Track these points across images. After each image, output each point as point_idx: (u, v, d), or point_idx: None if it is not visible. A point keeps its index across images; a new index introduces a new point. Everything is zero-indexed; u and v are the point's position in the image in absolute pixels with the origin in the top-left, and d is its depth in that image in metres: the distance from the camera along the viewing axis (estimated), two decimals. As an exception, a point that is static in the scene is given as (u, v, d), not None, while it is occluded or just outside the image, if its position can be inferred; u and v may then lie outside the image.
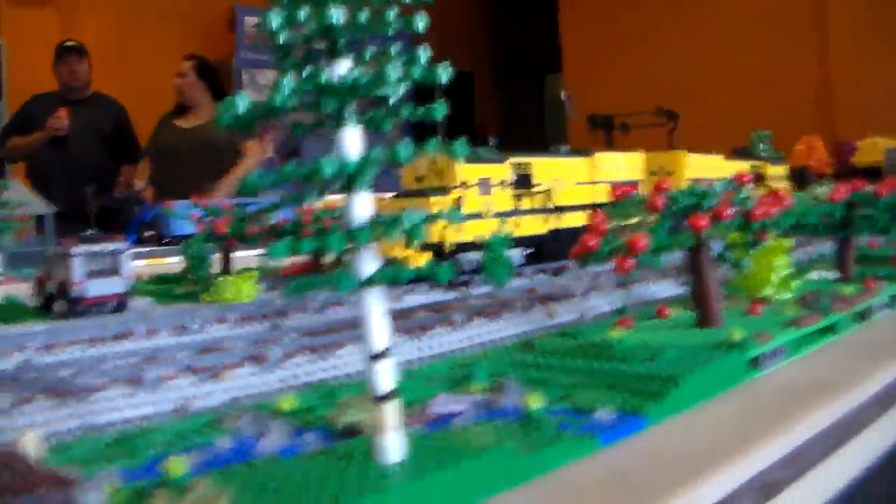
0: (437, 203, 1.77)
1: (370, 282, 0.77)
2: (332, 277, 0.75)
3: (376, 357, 0.78)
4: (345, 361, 1.21)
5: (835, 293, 1.47)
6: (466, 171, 1.80)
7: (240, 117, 0.71)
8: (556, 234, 1.99)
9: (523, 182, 1.93)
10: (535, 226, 1.96)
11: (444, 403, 1.00)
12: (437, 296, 1.64)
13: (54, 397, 0.99)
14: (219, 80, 4.75)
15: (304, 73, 0.73)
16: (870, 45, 5.36)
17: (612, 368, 1.11)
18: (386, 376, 0.78)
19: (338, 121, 0.76)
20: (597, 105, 5.04)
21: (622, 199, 1.30)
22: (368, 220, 0.77)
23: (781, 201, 1.28)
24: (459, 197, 1.77)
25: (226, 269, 2.14)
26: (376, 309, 0.77)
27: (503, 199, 1.89)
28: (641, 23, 6.10)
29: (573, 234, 2.04)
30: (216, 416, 0.97)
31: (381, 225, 0.76)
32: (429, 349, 1.28)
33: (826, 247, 2.00)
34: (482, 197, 1.84)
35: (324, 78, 0.74)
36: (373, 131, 0.77)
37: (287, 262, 2.14)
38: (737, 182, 1.25)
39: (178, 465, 0.76)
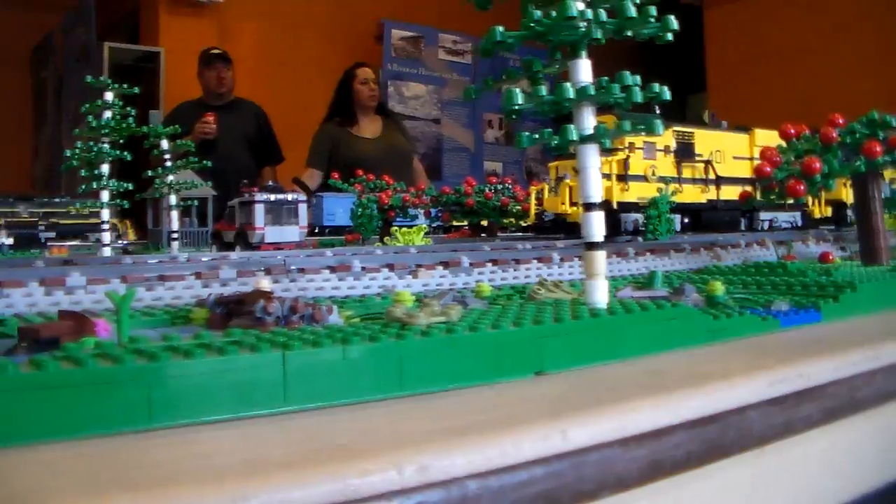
0: (605, 163, 1.86)
1: (591, 138, 0.87)
2: (562, 131, 0.86)
3: (589, 207, 0.89)
4: (523, 274, 1.31)
5: None
6: (632, 135, 1.89)
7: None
8: (713, 204, 2.06)
9: (685, 151, 2.01)
10: (695, 195, 2.03)
11: (629, 293, 1.10)
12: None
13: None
14: (381, 92, 4.97)
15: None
16: None
17: (788, 280, 1.18)
18: (598, 226, 0.88)
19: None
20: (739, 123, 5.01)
21: (795, 137, 1.36)
22: (585, 83, 0.88)
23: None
24: (627, 157, 1.86)
25: (385, 233, 2.30)
26: (594, 162, 0.88)
27: (666, 164, 1.97)
28: (784, 43, 6.06)
29: (731, 206, 2.10)
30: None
31: (592, 86, 0.87)
32: (630, 270, 1.38)
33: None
34: (646, 161, 1.93)
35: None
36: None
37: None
38: (911, 118, 1.31)
39: (404, 296, 0.89)
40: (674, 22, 0.88)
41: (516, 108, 0.86)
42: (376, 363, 0.66)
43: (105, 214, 1.83)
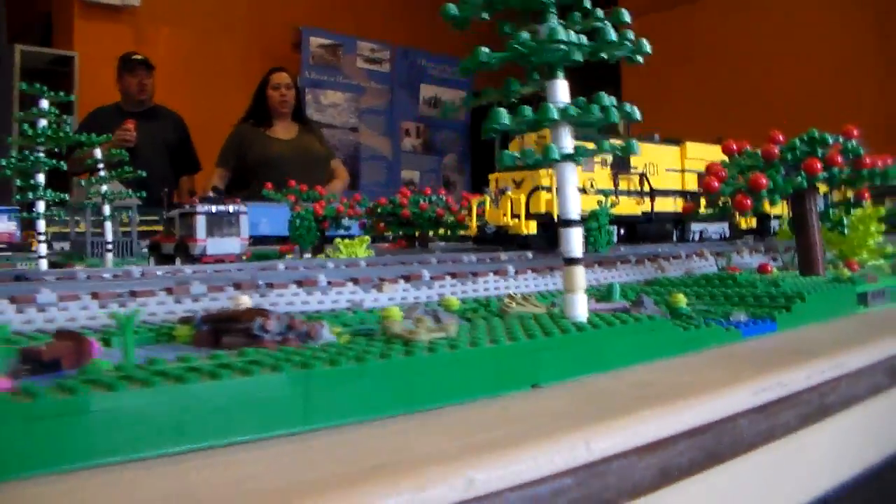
0: (545, 175, 1.91)
1: (569, 156, 0.91)
2: (545, 150, 0.89)
3: (568, 223, 0.92)
4: (482, 287, 1.34)
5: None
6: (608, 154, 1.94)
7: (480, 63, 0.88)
8: (648, 216, 2.12)
9: (621, 164, 2.07)
10: (630, 207, 2.09)
11: (592, 305, 1.13)
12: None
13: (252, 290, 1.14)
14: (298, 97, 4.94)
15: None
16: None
17: (739, 291, 1.24)
18: (577, 242, 0.92)
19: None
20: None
21: (738, 153, 1.42)
22: (565, 104, 0.91)
23: (886, 158, 1.41)
24: (566, 170, 1.91)
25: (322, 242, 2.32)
26: (572, 179, 0.92)
27: (603, 177, 2.03)
28: (699, 52, 6.25)
29: (664, 218, 2.17)
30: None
31: (578, 107, 0.90)
32: (556, 285, 1.42)
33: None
34: (585, 173, 1.98)
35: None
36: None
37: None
38: (846, 135, 1.38)
39: (393, 313, 0.90)
40: (647, 45, 0.92)
41: (498, 127, 0.88)
42: (390, 380, 0.67)
43: (41, 225, 1.80)
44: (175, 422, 0.57)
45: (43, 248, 1.79)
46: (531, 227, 1.89)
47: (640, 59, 0.94)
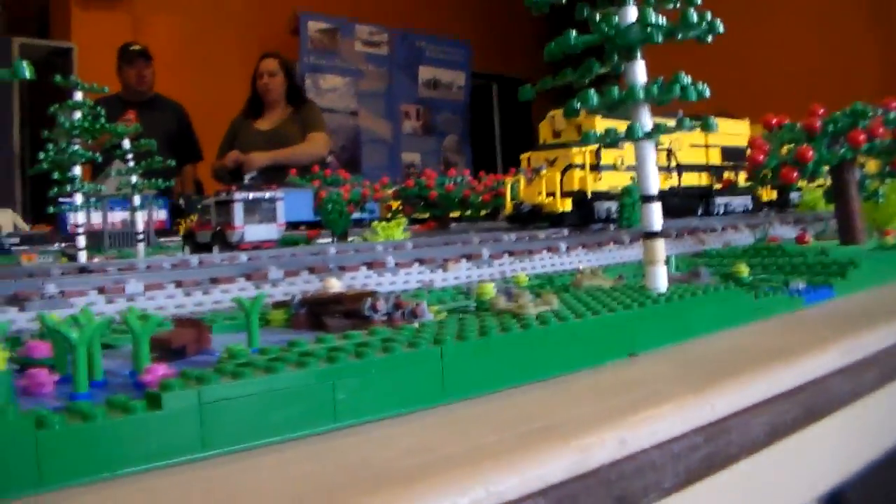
0: (578, 154, 1.95)
1: (647, 134, 0.95)
2: (630, 129, 0.93)
3: (648, 199, 0.96)
4: (538, 263, 1.39)
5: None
6: (603, 125, 1.98)
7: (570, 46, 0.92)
8: (675, 191, 2.17)
9: (648, 140, 2.12)
10: (660, 182, 2.13)
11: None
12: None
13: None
14: (296, 80, 4.95)
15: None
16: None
17: (790, 260, 1.28)
18: (657, 216, 0.96)
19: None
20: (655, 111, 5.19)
21: (777, 127, 1.47)
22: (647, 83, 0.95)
23: (924, 129, 1.46)
24: (599, 148, 1.95)
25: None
26: (651, 157, 0.96)
27: (632, 154, 2.07)
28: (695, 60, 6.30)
29: (690, 192, 2.21)
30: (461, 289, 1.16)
31: (656, 86, 0.94)
32: (606, 260, 1.46)
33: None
34: (615, 151, 2.02)
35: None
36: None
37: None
38: (886, 107, 1.43)
39: (487, 289, 0.95)
40: (720, 26, 0.96)
41: (586, 106, 0.92)
42: (514, 352, 0.72)
43: (80, 218, 1.83)
44: (329, 402, 0.60)
45: (82, 241, 1.82)
46: (566, 205, 1.93)
47: (710, 39, 0.98)
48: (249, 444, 0.56)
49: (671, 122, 0.99)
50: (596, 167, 1.99)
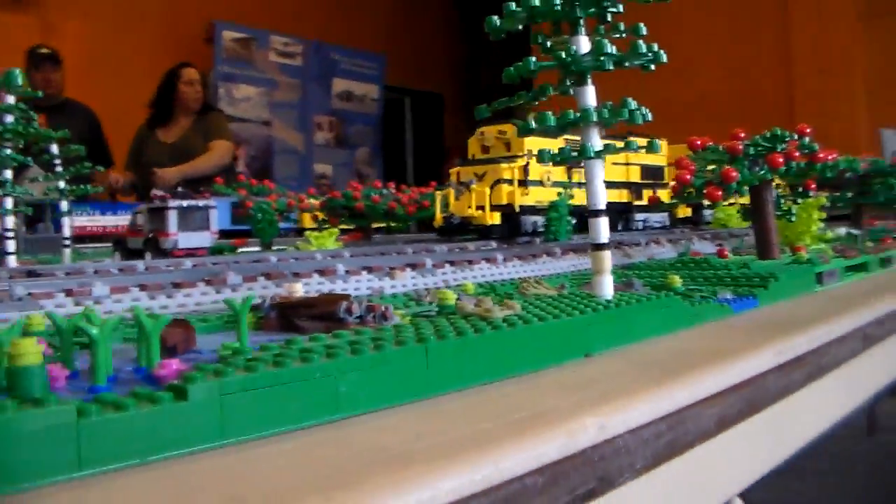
0: (506, 169, 2.04)
1: (597, 153, 1.03)
2: (582, 148, 1.01)
3: (596, 213, 1.05)
4: (478, 273, 1.46)
5: (860, 244, 1.78)
6: (531, 143, 2.07)
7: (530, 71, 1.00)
8: (597, 206, 2.28)
9: (573, 158, 2.22)
10: (581, 198, 2.24)
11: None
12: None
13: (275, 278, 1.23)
14: (207, 92, 4.95)
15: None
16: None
17: (717, 273, 1.39)
18: (604, 229, 1.04)
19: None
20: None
21: (701, 148, 1.58)
22: (594, 106, 1.03)
23: (833, 152, 1.58)
24: (527, 164, 2.04)
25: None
26: (600, 175, 1.04)
27: (558, 171, 2.17)
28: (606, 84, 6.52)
29: (613, 208, 2.32)
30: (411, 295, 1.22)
31: (606, 109, 1.03)
32: (541, 271, 1.54)
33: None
34: (543, 167, 2.12)
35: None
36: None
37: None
38: (801, 133, 1.55)
39: (448, 295, 1.01)
40: (663, 56, 1.05)
41: (544, 126, 1.00)
42: (489, 350, 0.78)
43: (9, 222, 1.83)
44: (332, 394, 0.66)
45: (11, 246, 1.82)
46: (495, 218, 2.02)
47: (653, 67, 1.07)
48: (265, 433, 0.61)
49: (619, 143, 1.07)
50: (523, 182, 2.07)
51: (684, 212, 2.60)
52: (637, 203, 2.42)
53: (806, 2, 6.07)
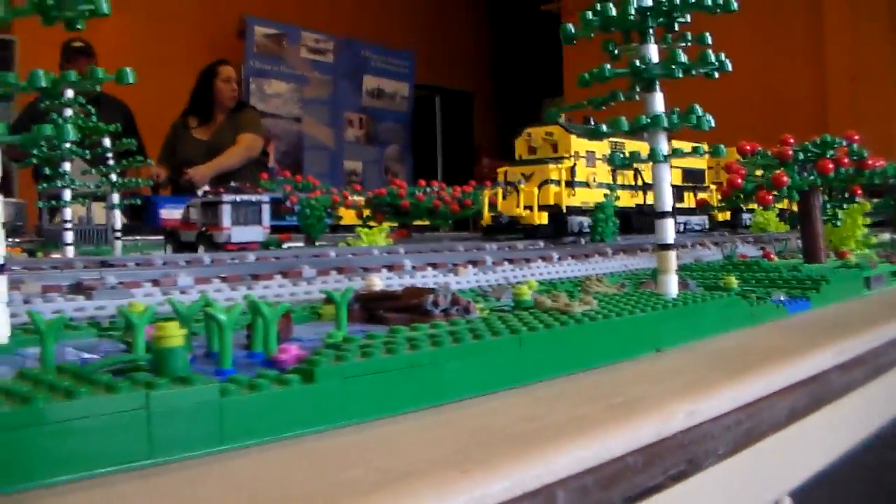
0: (554, 170, 2.09)
1: (666, 157, 1.09)
2: (652, 152, 1.07)
3: (662, 215, 1.10)
4: (536, 271, 1.52)
5: (905, 249, 1.83)
6: (577, 144, 2.13)
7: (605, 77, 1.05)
8: (641, 208, 2.33)
9: (618, 159, 2.27)
10: (626, 199, 2.29)
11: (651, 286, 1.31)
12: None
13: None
14: (241, 89, 5.03)
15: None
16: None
17: (768, 275, 1.44)
18: (670, 230, 1.10)
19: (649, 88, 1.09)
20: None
21: (751, 153, 1.62)
22: (663, 112, 1.09)
23: (880, 159, 1.63)
24: (574, 164, 2.10)
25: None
26: (667, 177, 1.09)
27: (603, 172, 2.22)
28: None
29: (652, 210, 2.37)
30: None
31: (675, 114, 1.08)
32: (594, 270, 1.60)
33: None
34: (588, 168, 2.17)
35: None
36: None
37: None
38: (849, 139, 1.60)
39: (524, 290, 1.07)
40: (728, 64, 1.10)
41: (615, 130, 1.05)
42: (573, 343, 0.84)
43: (68, 213, 1.90)
44: (438, 379, 0.72)
45: (70, 237, 1.89)
46: (542, 218, 2.07)
47: (716, 75, 1.12)
48: (381, 414, 0.66)
49: (687, 147, 1.12)
50: (570, 183, 2.13)
51: (724, 215, 2.64)
52: (678, 206, 2.46)
53: (840, 9, 6.09)
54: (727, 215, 2.65)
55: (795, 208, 1.65)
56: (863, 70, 5.97)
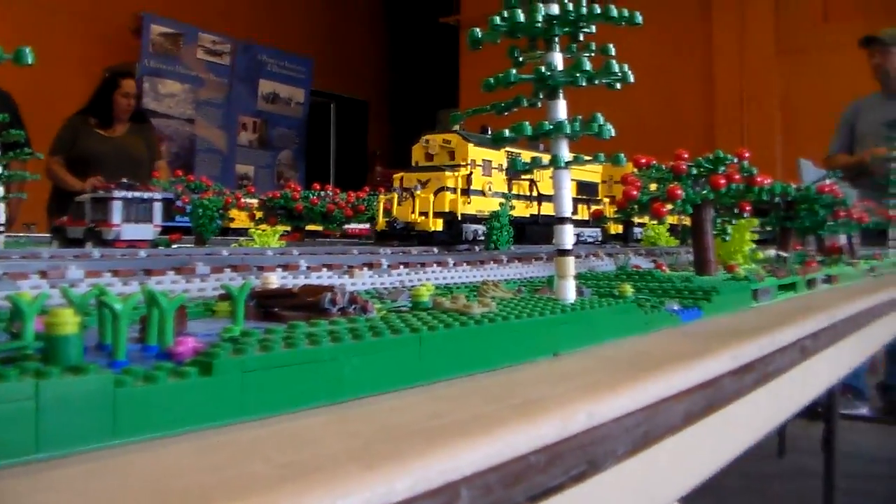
0: (450, 177, 2.09)
1: (567, 164, 1.09)
2: (553, 158, 1.07)
3: (562, 220, 1.10)
4: (431, 275, 1.51)
5: (790, 265, 1.89)
6: (474, 152, 2.14)
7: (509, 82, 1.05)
8: (536, 219, 2.35)
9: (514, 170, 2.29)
10: (521, 209, 2.31)
11: (546, 293, 1.32)
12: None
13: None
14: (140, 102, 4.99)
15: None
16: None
17: (661, 285, 1.46)
18: (569, 236, 1.10)
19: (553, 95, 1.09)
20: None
21: (646, 166, 1.66)
22: (566, 119, 1.09)
23: (768, 177, 1.68)
24: (471, 172, 2.10)
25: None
26: (567, 185, 1.10)
27: (499, 181, 2.24)
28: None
29: (549, 221, 2.40)
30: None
31: (577, 122, 1.09)
32: (489, 276, 1.60)
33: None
34: (485, 177, 2.18)
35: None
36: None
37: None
38: (740, 156, 1.64)
39: (422, 292, 1.06)
40: (630, 76, 1.12)
41: (518, 135, 1.05)
42: (476, 341, 0.83)
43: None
44: (338, 376, 0.70)
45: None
46: (437, 225, 2.07)
47: (619, 86, 1.13)
48: (280, 411, 0.64)
49: (587, 156, 1.13)
50: (466, 191, 2.13)
51: (616, 228, 2.69)
52: (573, 217, 2.49)
53: (728, 34, 6.31)
54: (619, 228, 2.70)
55: (687, 222, 1.68)
56: (748, 93, 6.20)
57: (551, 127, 1.07)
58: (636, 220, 2.64)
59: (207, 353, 0.64)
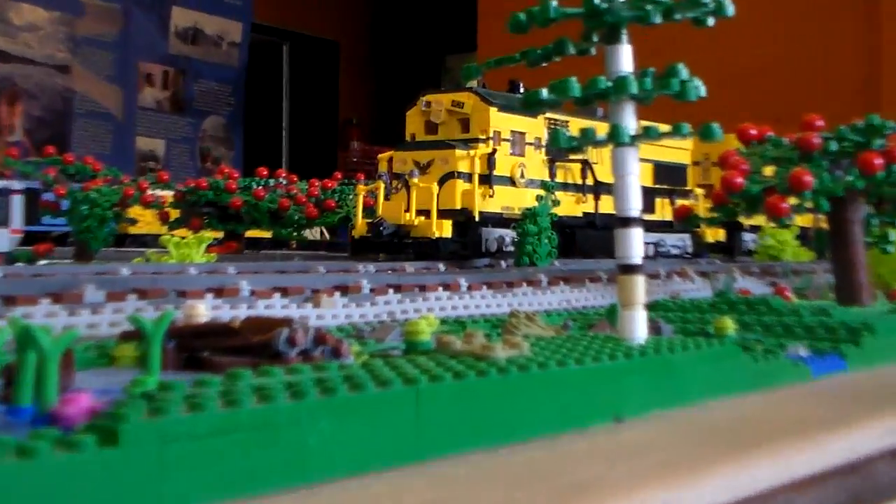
0: (463, 157, 2.11)
1: (633, 139, 1.13)
2: (613, 130, 1.11)
3: (626, 222, 1.13)
4: (435, 304, 1.55)
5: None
6: (499, 120, 2.14)
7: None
8: (592, 219, 2.37)
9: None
10: (568, 206, 2.32)
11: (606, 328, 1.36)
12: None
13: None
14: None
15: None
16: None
17: (781, 319, 1.48)
18: (637, 245, 1.13)
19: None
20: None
21: (758, 140, 1.67)
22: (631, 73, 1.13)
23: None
24: (494, 150, 2.12)
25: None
26: (634, 168, 1.13)
27: (536, 163, 2.25)
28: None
29: (605, 223, 2.39)
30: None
31: (649, 77, 1.12)
32: (520, 305, 1.64)
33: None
34: (514, 157, 2.20)
35: None
36: None
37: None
38: (903, 123, 1.64)
39: (421, 327, 1.10)
40: (729, 7, 1.15)
41: (570, 96, 1.09)
42: (494, 401, 0.87)
43: None
44: (300, 447, 0.74)
45: None
46: (444, 229, 2.07)
47: (711, 21, 1.17)
48: (220, 497, 0.68)
49: (665, 127, 1.16)
50: (487, 179, 2.13)
51: (715, 234, 2.71)
52: (647, 218, 2.51)
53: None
54: (720, 234, 2.72)
55: (824, 225, 1.67)
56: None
57: (610, 84, 1.10)
58: (745, 221, 2.65)
59: (110, 414, 0.66)
